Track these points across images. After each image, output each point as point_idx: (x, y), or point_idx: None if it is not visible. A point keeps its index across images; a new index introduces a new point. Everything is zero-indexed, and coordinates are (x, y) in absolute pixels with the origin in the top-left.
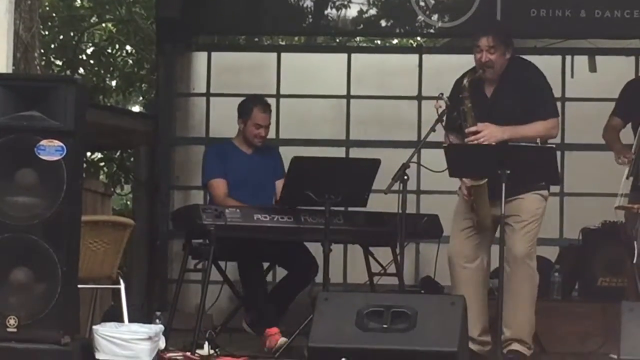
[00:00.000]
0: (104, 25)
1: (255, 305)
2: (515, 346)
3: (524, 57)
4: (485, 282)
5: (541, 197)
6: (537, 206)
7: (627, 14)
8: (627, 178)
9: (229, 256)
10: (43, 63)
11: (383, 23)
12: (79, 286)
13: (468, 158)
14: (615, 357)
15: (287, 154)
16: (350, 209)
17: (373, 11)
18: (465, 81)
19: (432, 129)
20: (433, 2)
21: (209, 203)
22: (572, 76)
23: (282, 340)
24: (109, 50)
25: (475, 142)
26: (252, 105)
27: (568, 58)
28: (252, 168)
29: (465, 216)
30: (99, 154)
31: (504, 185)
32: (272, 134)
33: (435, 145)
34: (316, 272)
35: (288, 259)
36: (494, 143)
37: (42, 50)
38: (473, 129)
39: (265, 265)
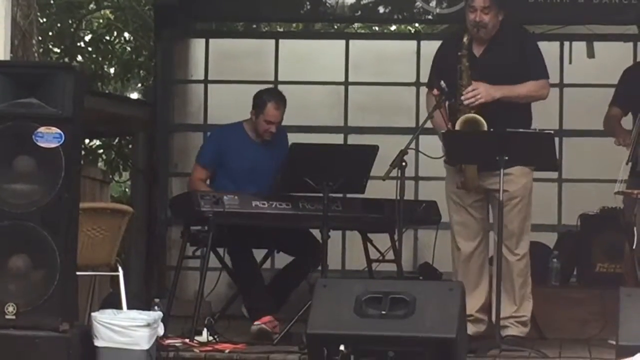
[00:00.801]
0: (101, 12)
1: (249, 295)
2: (513, 330)
3: None
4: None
5: (528, 169)
6: (525, 179)
7: None
8: (626, 163)
9: (227, 243)
10: (41, 50)
11: (381, 9)
12: (78, 273)
13: (466, 144)
14: (614, 342)
15: None
16: (348, 195)
17: None
18: (465, 39)
19: (430, 116)
20: None
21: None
22: (570, 62)
23: (254, 328)
24: (107, 38)
25: (473, 99)
26: (266, 100)
27: (566, 44)
28: (257, 157)
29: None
30: (97, 141)
31: (502, 170)
32: None
33: (434, 131)
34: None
35: (293, 245)
36: (489, 101)
37: (40, 38)
38: (470, 87)
39: (264, 252)
